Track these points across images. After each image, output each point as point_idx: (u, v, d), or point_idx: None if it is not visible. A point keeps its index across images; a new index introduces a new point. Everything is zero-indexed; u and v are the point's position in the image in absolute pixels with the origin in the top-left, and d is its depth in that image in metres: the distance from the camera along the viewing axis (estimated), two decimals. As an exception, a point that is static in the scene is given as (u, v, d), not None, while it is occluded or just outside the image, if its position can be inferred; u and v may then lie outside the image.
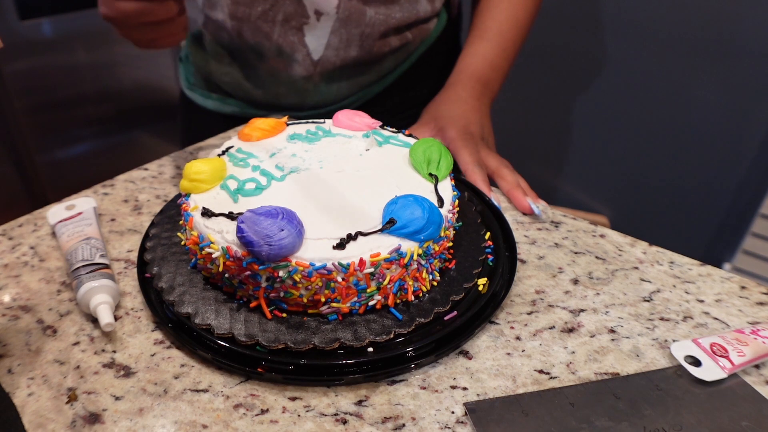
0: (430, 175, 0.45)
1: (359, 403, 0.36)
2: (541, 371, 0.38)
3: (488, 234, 0.49)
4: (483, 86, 0.68)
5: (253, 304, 0.40)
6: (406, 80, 0.76)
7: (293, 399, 0.36)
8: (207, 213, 0.41)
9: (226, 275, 0.40)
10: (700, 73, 1.23)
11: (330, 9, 0.65)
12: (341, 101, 0.75)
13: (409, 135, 0.53)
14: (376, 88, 0.75)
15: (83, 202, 0.53)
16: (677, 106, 1.28)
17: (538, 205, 0.55)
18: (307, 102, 0.74)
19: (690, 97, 1.26)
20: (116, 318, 0.43)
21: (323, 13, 0.66)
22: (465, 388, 0.37)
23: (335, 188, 0.44)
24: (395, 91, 0.77)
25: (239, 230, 0.37)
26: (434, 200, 0.42)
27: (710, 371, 0.37)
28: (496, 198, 0.55)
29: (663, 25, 1.24)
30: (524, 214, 0.56)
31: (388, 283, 0.39)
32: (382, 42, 0.70)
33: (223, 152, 0.50)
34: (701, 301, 0.45)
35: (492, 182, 0.59)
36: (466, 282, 0.43)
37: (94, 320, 0.42)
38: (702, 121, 1.27)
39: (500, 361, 0.39)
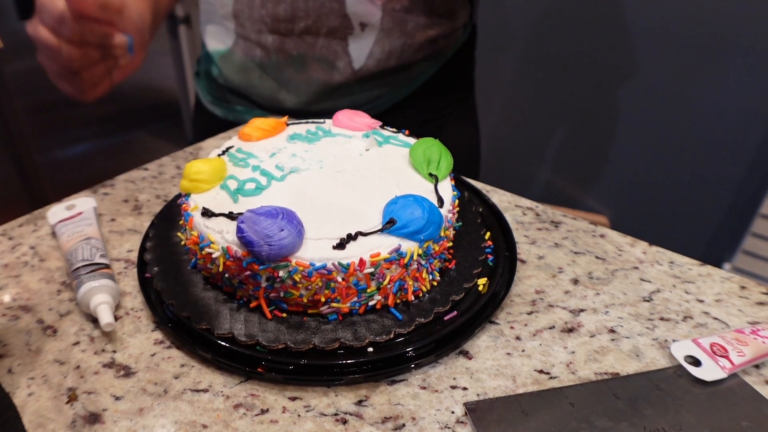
0: (430, 175, 0.45)
1: (359, 403, 0.36)
2: (541, 371, 0.38)
3: (488, 234, 0.49)
4: None
5: (253, 304, 0.40)
6: (432, 85, 0.78)
7: (293, 399, 0.36)
8: (207, 213, 0.41)
9: (226, 275, 0.40)
10: (700, 74, 1.23)
11: (375, 20, 0.67)
12: (371, 102, 0.76)
13: (409, 135, 0.53)
14: (404, 90, 0.76)
15: (83, 202, 0.53)
16: (677, 106, 1.28)
17: None
18: (340, 105, 0.75)
19: (690, 97, 1.26)
20: (116, 318, 0.43)
21: (368, 24, 0.68)
22: (465, 388, 0.37)
23: (335, 188, 0.44)
24: (422, 97, 0.78)
25: (239, 230, 0.37)
26: (434, 200, 0.42)
27: (710, 371, 0.37)
28: None
29: (663, 26, 1.24)
30: None
31: (388, 283, 0.39)
32: (419, 51, 0.72)
33: (223, 152, 0.50)
34: (701, 301, 0.45)
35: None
36: (466, 282, 0.43)
37: (94, 320, 0.42)
38: (702, 121, 1.27)
39: (500, 361, 0.39)
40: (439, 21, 0.72)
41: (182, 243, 0.46)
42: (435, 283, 0.43)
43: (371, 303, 0.40)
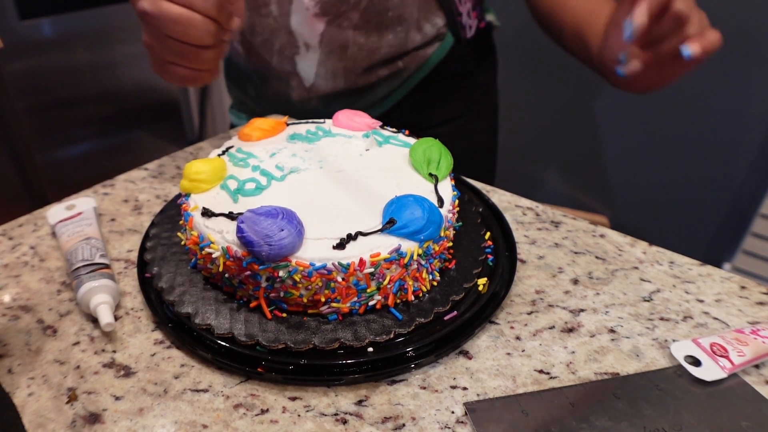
0: (430, 175, 0.45)
1: (359, 403, 0.36)
2: (541, 371, 0.38)
3: (488, 234, 0.49)
4: None
5: (253, 304, 0.40)
6: (408, 104, 0.76)
7: (293, 399, 0.36)
8: (207, 213, 0.41)
9: (226, 275, 0.40)
10: (700, 73, 1.23)
11: (314, 42, 0.68)
12: None
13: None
14: (374, 111, 0.76)
15: (83, 202, 0.53)
16: (677, 105, 1.28)
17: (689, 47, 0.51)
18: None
19: (690, 96, 1.26)
20: (116, 318, 0.43)
21: (310, 45, 0.69)
22: (465, 388, 0.37)
23: (335, 188, 0.44)
24: (399, 115, 0.76)
25: (239, 230, 0.37)
26: (434, 200, 0.42)
27: (710, 371, 0.37)
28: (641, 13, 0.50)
29: (663, 25, 1.23)
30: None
31: (388, 283, 0.39)
32: (369, 74, 0.71)
33: (223, 152, 0.50)
34: (701, 301, 0.45)
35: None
36: (466, 282, 0.43)
37: (94, 320, 0.42)
38: (702, 121, 1.27)
39: (500, 361, 0.39)
40: (389, 41, 0.69)
41: (182, 243, 0.46)
42: (435, 283, 0.43)
43: (371, 303, 0.40)
